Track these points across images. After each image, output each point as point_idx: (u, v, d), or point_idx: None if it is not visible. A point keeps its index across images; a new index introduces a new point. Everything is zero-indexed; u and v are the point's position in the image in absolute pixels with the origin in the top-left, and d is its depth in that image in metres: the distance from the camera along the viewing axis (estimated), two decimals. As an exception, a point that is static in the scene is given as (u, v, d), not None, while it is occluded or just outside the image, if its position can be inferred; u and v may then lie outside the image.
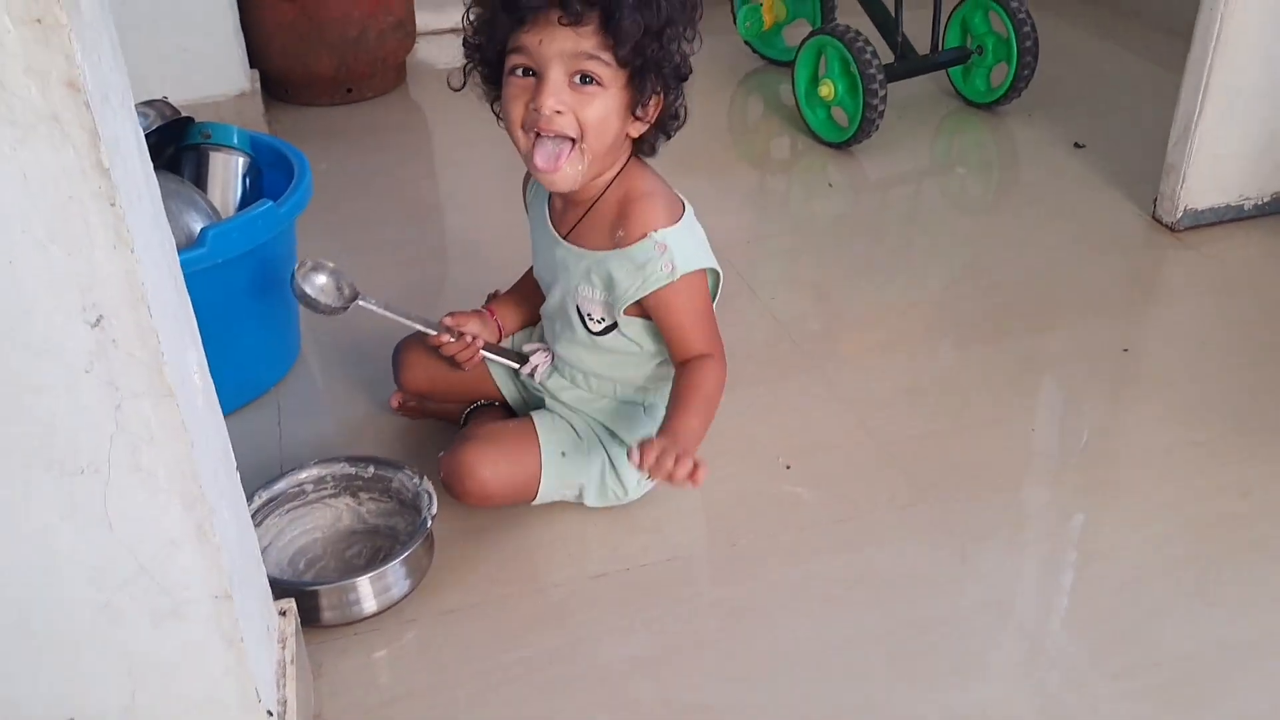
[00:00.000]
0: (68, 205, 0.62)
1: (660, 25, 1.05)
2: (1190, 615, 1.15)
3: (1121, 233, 1.89)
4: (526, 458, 1.22)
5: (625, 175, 1.16)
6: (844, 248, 1.87)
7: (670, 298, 1.14)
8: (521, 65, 1.07)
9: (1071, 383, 1.53)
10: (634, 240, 1.13)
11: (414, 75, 2.58)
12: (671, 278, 1.12)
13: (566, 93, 1.06)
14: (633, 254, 1.13)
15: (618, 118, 1.10)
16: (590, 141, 1.09)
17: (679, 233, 1.14)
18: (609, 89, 1.07)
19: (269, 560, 1.18)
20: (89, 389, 0.68)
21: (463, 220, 1.98)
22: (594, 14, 1.03)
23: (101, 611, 0.76)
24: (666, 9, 1.05)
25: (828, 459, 1.37)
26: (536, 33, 1.04)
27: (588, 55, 1.05)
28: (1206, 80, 1.72)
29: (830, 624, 1.14)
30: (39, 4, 0.57)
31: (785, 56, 2.51)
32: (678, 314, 1.16)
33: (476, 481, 1.19)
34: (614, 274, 1.15)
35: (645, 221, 1.12)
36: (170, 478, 0.73)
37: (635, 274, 1.13)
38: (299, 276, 1.22)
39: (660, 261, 1.12)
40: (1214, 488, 1.32)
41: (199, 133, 1.51)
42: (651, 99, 1.10)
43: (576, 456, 1.24)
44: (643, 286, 1.13)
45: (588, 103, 1.07)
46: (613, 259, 1.15)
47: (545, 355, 1.29)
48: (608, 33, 1.03)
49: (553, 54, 1.05)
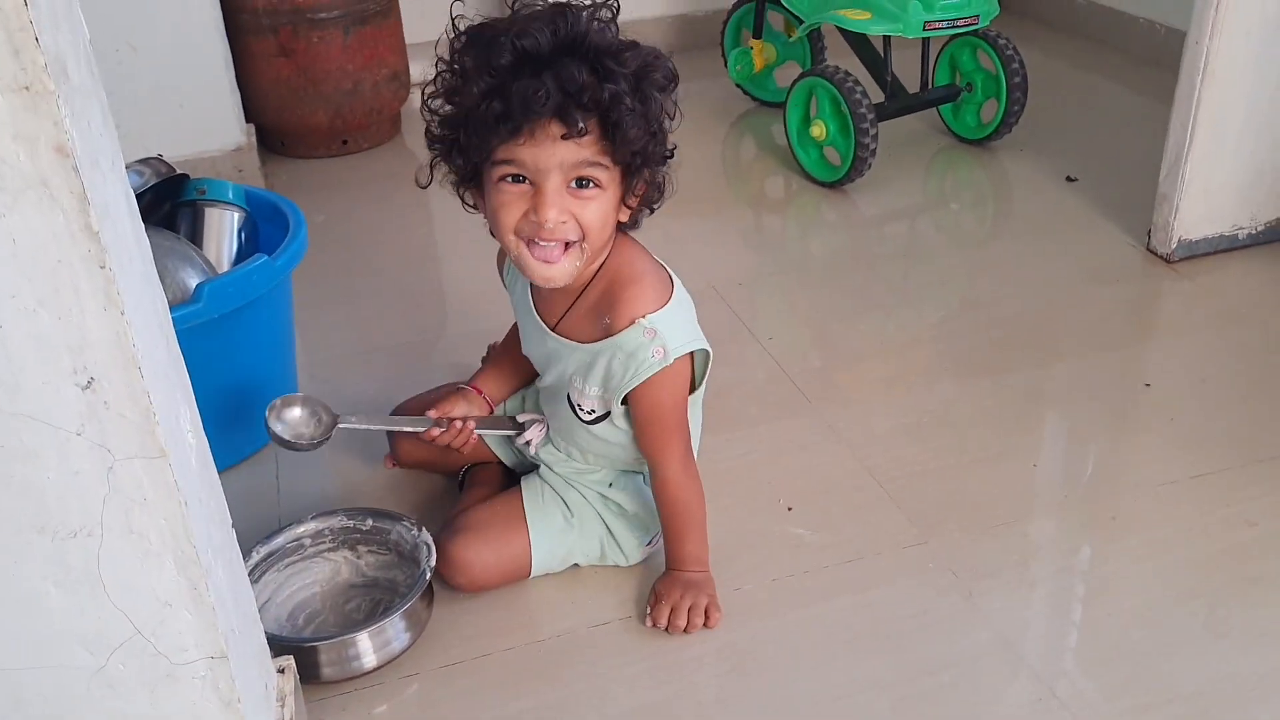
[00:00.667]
0: (57, 269, 0.62)
1: (657, 121, 1.03)
2: (1202, 649, 1.14)
3: (1117, 265, 1.89)
4: (516, 544, 1.21)
5: (611, 257, 1.12)
6: (841, 285, 1.87)
7: (653, 390, 1.11)
8: (513, 173, 1.02)
9: (1072, 416, 1.53)
10: (621, 328, 1.09)
11: (409, 126, 2.60)
12: (664, 363, 1.09)
13: (565, 199, 1.02)
14: (621, 342, 1.09)
15: (611, 214, 1.07)
16: (591, 240, 1.06)
17: (667, 316, 1.10)
18: (607, 189, 1.04)
19: (268, 616, 1.17)
20: (80, 452, 0.67)
21: (459, 270, 1.99)
22: (594, 121, 0.99)
23: (96, 677, 0.76)
24: (658, 102, 1.03)
25: (829, 500, 1.36)
26: (533, 145, 0.99)
27: (588, 163, 1.01)
28: (1195, 112, 1.73)
29: (836, 670, 1.13)
30: (27, 71, 0.57)
31: (777, 98, 2.53)
32: (656, 407, 1.13)
33: (467, 576, 1.19)
34: (608, 366, 1.11)
35: (633, 307, 1.09)
36: (163, 539, 0.72)
37: (627, 363, 1.09)
38: (270, 419, 1.18)
39: (650, 348, 1.08)
40: (1220, 520, 1.31)
41: (194, 189, 1.51)
42: (640, 185, 1.07)
43: (568, 535, 1.23)
44: (635, 375, 1.09)
45: (587, 206, 1.03)
46: (603, 350, 1.11)
47: (540, 428, 1.27)
48: (607, 140, 1.00)
49: (552, 165, 1.00)
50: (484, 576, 1.20)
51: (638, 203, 1.10)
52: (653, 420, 1.14)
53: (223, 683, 0.79)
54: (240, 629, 0.84)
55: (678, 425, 1.16)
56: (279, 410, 1.19)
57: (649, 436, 1.16)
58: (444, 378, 1.45)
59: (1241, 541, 1.28)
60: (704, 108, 2.58)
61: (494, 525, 1.22)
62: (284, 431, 1.19)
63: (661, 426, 1.15)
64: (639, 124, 1.00)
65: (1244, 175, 1.82)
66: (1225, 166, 1.80)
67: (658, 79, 1.02)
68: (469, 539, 1.20)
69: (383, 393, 1.48)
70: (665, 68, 1.04)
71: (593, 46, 0.98)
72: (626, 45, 1.01)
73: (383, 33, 2.39)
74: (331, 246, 2.00)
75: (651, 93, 1.01)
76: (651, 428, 1.15)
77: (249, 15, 2.25)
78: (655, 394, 1.12)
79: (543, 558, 1.22)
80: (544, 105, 0.96)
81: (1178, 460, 1.41)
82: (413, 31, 2.55)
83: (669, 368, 1.10)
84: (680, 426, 1.17)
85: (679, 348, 1.10)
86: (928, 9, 2.06)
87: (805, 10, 2.30)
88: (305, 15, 2.26)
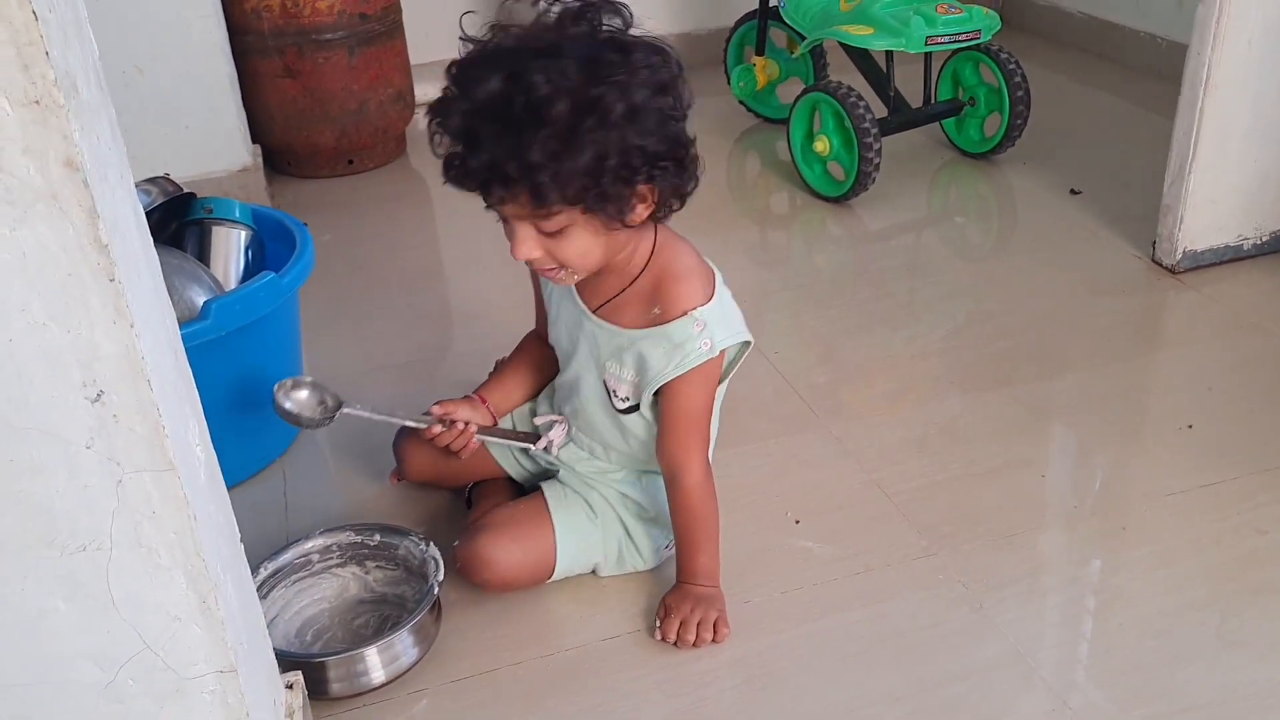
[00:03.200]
0: (67, 282, 0.62)
1: (594, 164, 0.97)
2: (1214, 659, 1.13)
3: (1122, 276, 1.89)
4: (542, 541, 1.21)
5: (660, 252, 1.14)
6: (846, 300, 1.87)
7: (690, 384, 1.13)
8: (497, 215, 1.06)
9: (1080, 427, 1.52)
10: (672, 318, 1.11)
11: (414, 145, 2.62)
12: (710, 355, 1.12)
13: (536, 241, 1.04)
14: (670, 332, 1.12)
15: (599, 236, 1.06)
16: (576, 268, 1.08)
17: (715, 309, 1.13)
18: (576, 225, 1.03)
19: (276, 633, 1.17)
20: (89, 465, 0.67)
21: (465, 287, 1.99)
22: (521, 191, 0.98)
23: (104, 692, 0.75)
24: (599, 144, 0.97)
25: (837, 513, 1.36)
26: (490, 200, 1.03)
27: (538, 215, 1.02)
28: (1198, 122, 1.74)
29: (847, 683, 1.12)
30: (37, 86, 0.57)
31: (780, 114, 2.54)
32: (689, 401, 1.14)
33: (494, 571, 1.19)
34: (648, 354, 1.13)
35: (684, 300, 1.11)
36: (173, 553, 0.72)
37: (673, 353, 1.12)
38: (279, 395, 1.20)
39: (699, 340, 1.11)
40: (1231, 529, 1.30)
41: (201, 208, 1.52)
42: (631, 206, 1.04)
43: (592, 534, 1.23)
44: (680, 365, 1.12)
45: (560, 245, 1.05)
46: (648, 338, 1.13)
47: (562, 427, 1.28)
48: (537, 205, 1.00)
49: (510, 214, 1.04)
50: (510, 574, 1.20)
51: (649, 207, 1.07)
52: (682, 417, 1.15)
53: (232, 697, 0.79)
54: (249, 643, 0.84)
55: (704, 428, 1.18)
56: (288, 389, 1.21)
57: (675, 436, 1.16)
58: (449, 395, 1.44)
59: (1253, 550, 1.27)
60: (707, 125, 2.59)
61: (519, 522, 1.22)
62: (291, 407, 1.20)
63: (690, 426, 1.16)
64: (562, 183, 0.97)
65: (1248, 185, 1.83)
66: (1229, 176, 1.80)
67: (601, 121, 0.96)
68: (495, 535, 1.20)
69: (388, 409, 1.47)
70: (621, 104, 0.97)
71: (509, 111, 0.96)
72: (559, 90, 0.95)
73: (388, 53, 2.40)
74: (338, 265, 2.01)
75: (584, 143, 0.96)
76: (679, 426, 1.15)
77: (255, 36, 2.27)
78: (691, 389, 1.14)
79: (567, 555, 1.22)
80: (471, 181, 1.01)
81: (1187, 470, 1.40)
82: (417, 52, 2.56)
83: (711, 361, 1.13)
84: (705, 430, 1.18)
85: (725, 339, 1.13)
86: (930, 24, 2.07)
87: (808, 27, 2.31)
88: (310, 36, 2.28)
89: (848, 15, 2.19)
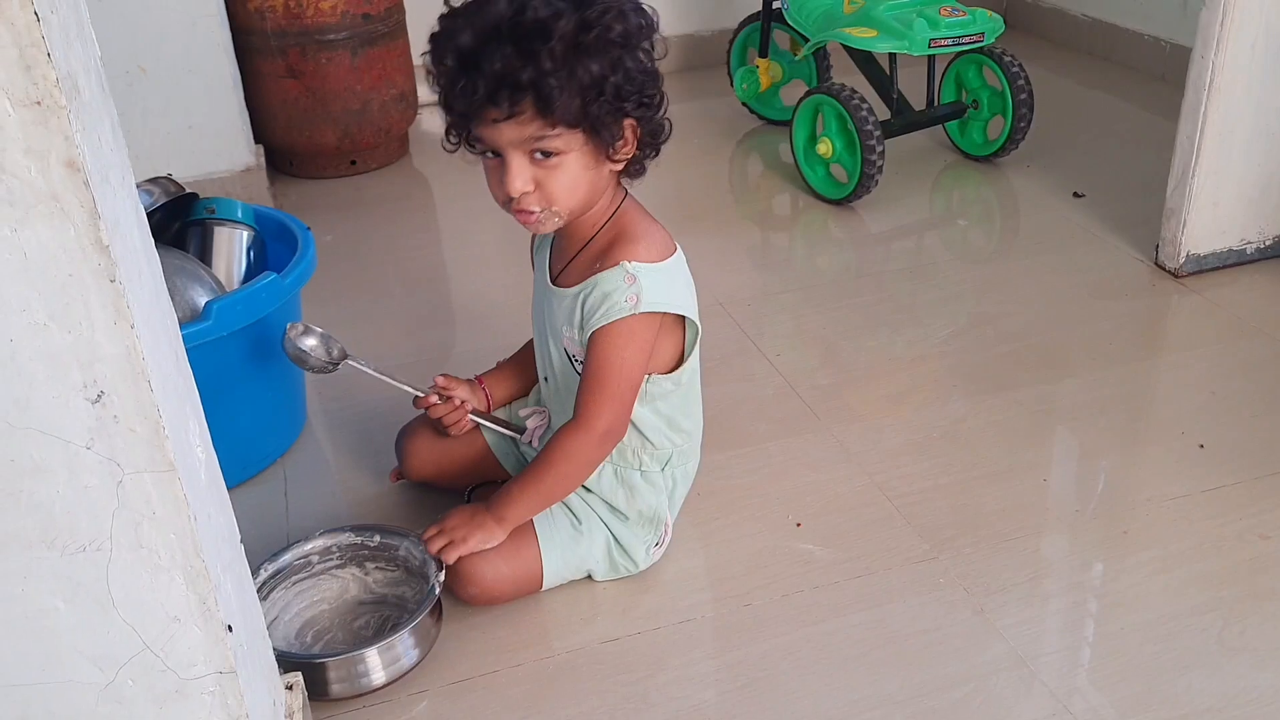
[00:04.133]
0: (67, 283, 0.62)
1: (599, 78, 1.02)
2: (1217, 665, 1.13)
3: (1126, 280, 1.89)
4: (526, 554, 1.21)
5: (619, 218, 1.15)
6: (848, 302, 1.87)
7: (609, 339, 1.11)
8: (487, 149, 1.08)
9: (1083, 431, 1.52)
10: (606, 269, 1.12)
11: (416, 146, 2.62)
12: (633, 310, 1.10)
13: (529, 170, 1.06)
14: (600, 279, 1.12)
15: (588, 171, 1.09)
16: (560, 205, 1.09)
17: (655, 271, 1.12)
18: (570, 153, 1.06)
19: (276, 634, 1.17)
20: (90, 466, 0.67)
21: (467, 288, 1.99)
22: (526, 101, 1.01)
23: (104, 693, 0.75)
24: (601, 60, 1.02)
25: (839, 516, 1.36)
26: (484, 127, 1.05)
27: (537, 137, 1.04)
28: (1202, 125, 1.73)
29: (847, 687, 1.12)
30: (38, 87, 0.57)
31: (783, 116, 2.54)
32: (604, 360, 1.12)
33: (479, 587, 1.19)
34: (585, 304, 1.13)
35: (624, 254, 1.12)
36: (172, 554, 0.72)
37: (601, 302, 1.11)
38: (291, 334, 1.26)
39: (626, 292, 1.10)
40: (1232, 533, 1.30)
41: (203, 208, 1.52)
42: (621, 138, 1.08)
43: (577, 542, 1.23)
44: (604, 315, 1.11)
45: (552, 175, 1.07)
46: (585, 288, 1.13)
47: (542, 418, 1.29)
48: (544, 116, 1.02)
49: (504, 142, 1.05)
50: (496, 588, 1.20)
51: (631, 150, 1.11)
52: (598, 370, 1.13)
53: (231, 699, 0.79)
54: (249, 644, 0.84)
55: (621, 389, 1.14)
56: (300, 332, 1.26)
57: (587, 385, 1.14)
58: (452, 395, 1.45)
59: (1255, 555, 1.27)
60: (710, 127, 2.59)
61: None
62: (301, 346, 1.25)
63: (601, 383, 1.13)
64: (574, 94, 1.02)
65: (1251, 188, 1.82)
66: (1232, 180, 1.80)
67: (607, 38, 1.02)
68: (480, 552, 1.19)
69: (390, 410, 1.48)
70: (621, 26, 1.04)
71: (516, 27, 1.00)
72: (560, 13, 1.01)
73: (390, 53, 2.41)
74: (340, 266, 2.01)
75: (594, 56, 1.02)
76: (592, 380, 1.14)
77: (258, 37, 2.27)
78: (610, 341, 1.12)
79: (554, 568, 1.22)
80: (475, 96, 1.02)
81: (1189, 474, 1.40)
82: (420, 52, 2.56)
83: (634, 321, 1.11)
84: (623, 393, 1.14)
85: (653, 303, 1.11)
86: (933, 27, 2.07)
87: (811, 29, 2.31)
88: (313, 37, 2.28)
89: (851, 17, 2.19)
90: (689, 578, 1.27)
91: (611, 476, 1.25)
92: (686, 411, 1.24)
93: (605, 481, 1.25)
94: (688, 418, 1.25)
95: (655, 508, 1.24)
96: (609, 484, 1.25)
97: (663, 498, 1.25)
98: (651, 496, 1.24)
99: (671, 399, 1.22)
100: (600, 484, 1.25)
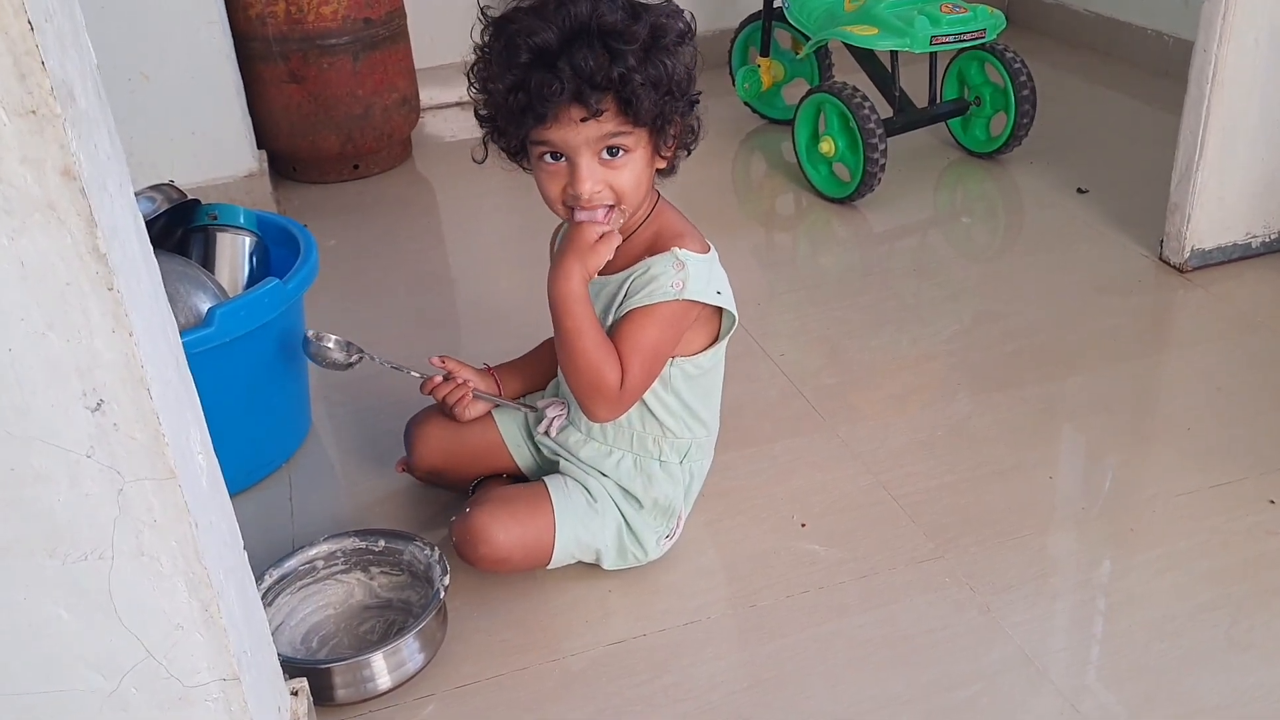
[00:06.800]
0: (65, 291, 0.62)
1: (669, 78, 1.07)
2: (1225, 662, 1.12)
3: (1130, 275, 1.88)
4: (540, 520, 1.21)
5: (657, 216, 1.19)
6: (853, 301, 1.87)
7: (646, 319, 1.14)
8: (549, 151, 1.10)
9: (1088, 428, 1.51)
10: (657, 253, 1.15)
11: (420, 149, 2.62)
12: (678, 295, 1.13)
13: (599, 170, 1.10)
14: (653, 263, 1.14)
15: (648, 169, 1.14)
16: (628, 201, 1.12)
17: (700, 261, 1.16)
18: (636, 150, 1.10)
19: (282, 640, 1.17)
20: (90, 474, 0.67)
21: (471, 291, 1.99)
22: (609, 99, 1.05)
23: (108, 701, 0.75)
24: (669, 60, 1.08)
25: (844, 515, 1.35)
26: (559, 128, 1.07)
27: (613, 134, 1.08)
28: (1205, 120, 1.73)
29: (855, 686, 1.12)
30: (33, 95, 0.57)
31: (785, 115, 2.53)
32: (638, 331, 1.13)
33: (490, 546, 1.18)
34: (631, 284, 1.15)
35: (674, 243, 1.15)
36: (174, 561, 0.72)
37: (647, 283, 1.14)
38: (311, 335, 1.32)
39: (673, 277, 1.13)
40: (1239, 530, 1.30)
41: (206, 214, 1.52)
42: (675, 135, 1.13)
43: (591, 519, 1.23)
44: (648, 295, 1.13)
45: (620, 172, 1.10)
46: (632, 271, 1.16)
47: (561, 409, 1.29)
48: (626, 113, 1.06)
49: (579, 142, 1.08)
50: (505, 550, 1.19)
51: (674, 147, 1.16)
52: (628, 339, 1.14)
53: (235, 705, 0.79)
54: (253, 650, 0.84)
55: (649, 362, 1.15)
56: (320, 332, 1.33)
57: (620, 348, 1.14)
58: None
59: (1263, 552, 1.26)
60: (713, 127, 2.56)
61: (520, 500, 1.23)
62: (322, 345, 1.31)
63: (632, 349, 1.13)
64: (652, 91, 1.06)
65: (1256, 182, 1.82)
66: (1237, 174, 1.79)
67: (670, 40, 1.08)
68: (494, 508, 1.20)
69: (395, 413, 1.47)
70: (677, 27, 1.10)
71: (600, 28, 1.04)
72: (635, 14, 1.06)
73: (392, 58, 2.41)
74: (343, 271, 2.01)
75: (663, 56, 1.07)
76: (622, 345, 1.14)
77: (260, 42, 2.27)
78: (646, 324, 1.14)
79: (565, 539, 1.22)
80: (560, 95, 1.04)
81: (1196, 471, 1.40)
82: (422, 56, 2.57)
83: (676, 305, 1.14)
84: (645, 368, 1.15)
85: (696, 292, 1.14)
86: (934, 24, 2.06)
87: (812, 28, 2.31)
88: (315, 42, 2.28)
89: (852, 16, 2.19)
90: (694, 578, 1.27)
91: (631, 465, 1.25)
92: (707, 401, 1.26)
93: (624, 469, 1.25)
94: (707, 408, 1.26)
95: (671, 498, 1.25)
96: (627, 472, 1.25)
97: (679, 489, 1.26)
98: (669, 487, 1.24)
99: (695, 385, 1.23)
100: (619, 471, 1.25)
